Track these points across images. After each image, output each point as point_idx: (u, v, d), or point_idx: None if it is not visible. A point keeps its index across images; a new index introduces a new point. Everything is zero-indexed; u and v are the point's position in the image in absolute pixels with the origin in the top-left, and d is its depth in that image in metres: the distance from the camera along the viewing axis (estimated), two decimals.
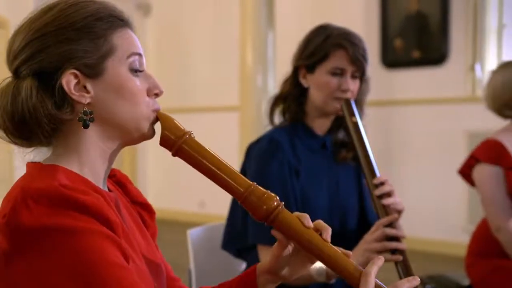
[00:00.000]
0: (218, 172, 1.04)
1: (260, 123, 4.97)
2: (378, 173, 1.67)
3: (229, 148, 5.90)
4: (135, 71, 1.04)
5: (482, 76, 4.86)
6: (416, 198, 5.08)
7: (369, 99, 1.88)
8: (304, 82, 1.80)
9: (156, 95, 1.06)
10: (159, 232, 1.20)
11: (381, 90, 5.25)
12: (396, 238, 1.60)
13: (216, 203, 4.74)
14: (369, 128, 2.08)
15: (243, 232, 1.75)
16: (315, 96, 1.78)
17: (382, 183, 1.64)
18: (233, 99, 5.78)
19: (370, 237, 1.61)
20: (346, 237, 1.84)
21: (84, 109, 1.00)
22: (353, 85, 1.77)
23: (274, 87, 5.05)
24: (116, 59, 1.02)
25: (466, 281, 2.36)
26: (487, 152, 2.23)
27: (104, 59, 1.01)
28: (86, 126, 1.00)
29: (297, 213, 1.05)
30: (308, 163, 1.79)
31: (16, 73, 1.01)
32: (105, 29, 1.02)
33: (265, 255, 1.65)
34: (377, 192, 1.63)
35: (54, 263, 0.87)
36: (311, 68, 1.78)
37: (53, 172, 0.97)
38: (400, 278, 1.57)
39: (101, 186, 1.04)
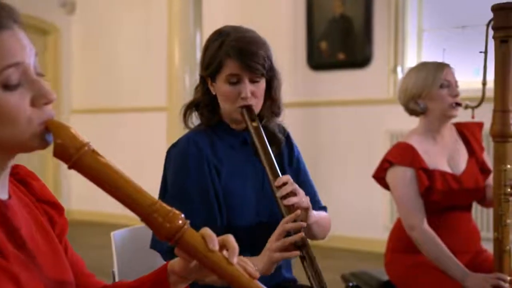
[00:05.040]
0: (119, 188, 0.95)
1: None
2: (281, 174, 1.65)
3: (157, 149, 5.84)
4: (9, 86, 0.90)
5: None
6: (341, 197, 5.20)
7: (295, 100, 1.91)
8: (212, 89, 1.79)
9: (46, 104, 0.93)
10: (83, 235, 1.17)
11: (307, 92, 5.33)
12: (298, 232, 1.58)
13: None
14: (295, 129, 2.11)
15: None
16: (221, 104, 1.77)
17: (284, 183, 1.62)
18: (161, 99, 5.73)
19: (272, 236, 1.61)
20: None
21: None
22: (254, 89, 1.73)
23: None
24: None
25: (386, 277, 2.44)
26: (400, 154, 2.31)
27: None
28: None
29: (204, 231, 0.98)
30: (230, 161, 1.78)
31: None
32: None
33: None
34: (279, 193, 1.62)
35: None
36: (212, 78, 1.76)
37: None
38: (306, 273, 1.58)
39: None
